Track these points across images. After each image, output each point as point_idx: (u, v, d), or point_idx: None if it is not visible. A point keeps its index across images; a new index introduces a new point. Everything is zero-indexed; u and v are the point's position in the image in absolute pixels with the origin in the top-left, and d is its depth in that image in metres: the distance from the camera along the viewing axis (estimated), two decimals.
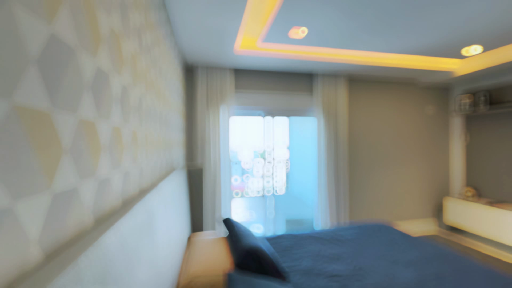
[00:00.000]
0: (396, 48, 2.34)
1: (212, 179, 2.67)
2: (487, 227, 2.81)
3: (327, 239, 1.96)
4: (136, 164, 0.88)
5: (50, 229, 0.41)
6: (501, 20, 1.84)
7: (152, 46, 1.16)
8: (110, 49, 0.66)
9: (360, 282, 1.36)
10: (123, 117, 0.75)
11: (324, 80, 3.01)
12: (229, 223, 1.71)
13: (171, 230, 1.17)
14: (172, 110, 1.74)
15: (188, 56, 2.44)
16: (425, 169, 3.51)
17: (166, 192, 1.13)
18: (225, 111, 2.73)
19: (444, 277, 1.40)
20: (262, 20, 2.01)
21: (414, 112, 3.47)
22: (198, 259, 1.36)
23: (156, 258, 0.85)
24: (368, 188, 3.29)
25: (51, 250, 0.41)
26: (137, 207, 0.70)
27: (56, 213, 0.42)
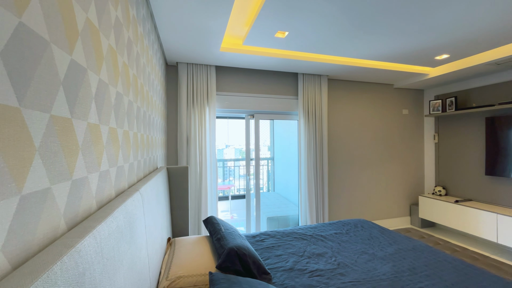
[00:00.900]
0: (372, 55, 2.46)
1: (197, 179, 2.62)
2: (455, 222, 3.03)
3: (309, 235, 2.00)
4: (116, 165, 0.84)
5: (17, 236, 0.38)
6: (466, 33, 1.99)
7: (134, 41, 1.11)
8: (87, 44, 0.63)
9: (342, 277, 1.41)
10: (101, 115, 0.71)
11: (306, 80, 3.08)
12: (212, 222, 1.69)
13: (152, 232, 1.13)
14: (154, 109, 1.69)
15: (171, 53, 2.38)
16: (401, 169, 3.70)
17: (148, 193, 1.09)
18: (211, 111, 2.70)
19: (418, 269, 1.48)
20: (246, 22, 2.01)
21: (391, 113, 3.65)
22: (180, 259, 1.33)
23: (137, 261, 0.82)
24: (347, 187, 3.41)
25: (20, 258, 0.38)
26: (117, 209, 0.67)
27: (24, 218, 0.39)
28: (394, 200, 3.66)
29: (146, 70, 1.44)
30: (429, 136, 3.76)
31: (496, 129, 2.82)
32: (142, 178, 1.29)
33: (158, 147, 1.91)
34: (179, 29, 1.89)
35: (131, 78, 1.07)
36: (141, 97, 1.27)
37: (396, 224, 3.66)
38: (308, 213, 3.03)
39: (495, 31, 2.02)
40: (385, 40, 2.18)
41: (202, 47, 2.23)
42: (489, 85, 2.99)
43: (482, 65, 2.61)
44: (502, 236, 2.57)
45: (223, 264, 1.28)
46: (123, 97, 0.95)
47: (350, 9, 1.67)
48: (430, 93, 3.73)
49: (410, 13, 1.72)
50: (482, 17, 1.79)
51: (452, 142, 3.43)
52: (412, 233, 3.26)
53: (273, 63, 2.69)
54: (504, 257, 2.65)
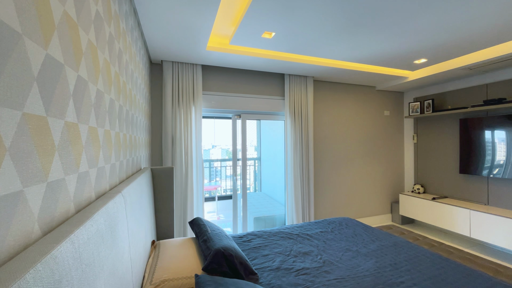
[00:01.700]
0: (356, 57, 2.53)
1: (183, 180, 2.57)
2: (432, 218, 3.19)
3: (296, 234, 2.02)
4: (96, 166, 0.80)
5: None
6: (442, 39, 2.10)
7: (115, 37, 1.07)
8: (64, 38, 0.59)
9: (327, 275, 1.44)
10: (80, 114, 0.68)
11: (292, 80, 3.11)
12: (198, 223, 1.67)
13: (135, 235, 1.09)
14: (138, 108, 1.63)
15: (156, 51, 2.32)
16: (383, 168, 3.84)
17: (131, 194, 1.05)
18: (197, 110, 2.65)
19: (399, 264, 1.54)
20: (233, 22, 2.00)
21: (373, 114, 3.78)
22: (165, 262, 1.30)
23: (119, 266, 0.79)
24: (332, 186, 3.49)
25: None
26: (97, 212, 0.64)
27: None
28: (377, 198, 3.79)
29: (129, 67, 1.39)
30: (408, 136, 3.93)
31: (469, 130, 3.00)
32: (125, 179, 1.24)
33: (142, 148, 1.86)
34: (164, 27, 1.85)
35: (113, 75, 1.03)
36: (123, 95, 1.23)
37: (378, 221, 3.79)
38: (295, 212, 3.07)
39: (468, 38, 2.15)
40: (368, 44, 2.25)
41: (188, 46, 2.20)
42: (463, 88, 3.17)
43: (456, 70, 2.77)
44: (475, 230, 2.74)
45: (209, 266, 1.26)
46: (104, 95, 0.91)
47: (335, 12, 1.71)
48: (410, 96, 3.90)
49: (391, 18, 1.79)
50: (456, 25, 1.90)
51: (430, 142, 3.60)
52: (393, 229, 3.39)
53: (260, 63, 2.70)
54: (476, 250, 2.83)
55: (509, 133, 2.64)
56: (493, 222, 2.58)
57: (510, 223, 2.45)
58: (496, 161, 2.75)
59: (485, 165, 2.85)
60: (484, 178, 2.96)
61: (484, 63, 2.52)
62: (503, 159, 2.69)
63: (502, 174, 2.70)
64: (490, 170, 2.80)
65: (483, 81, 2.96)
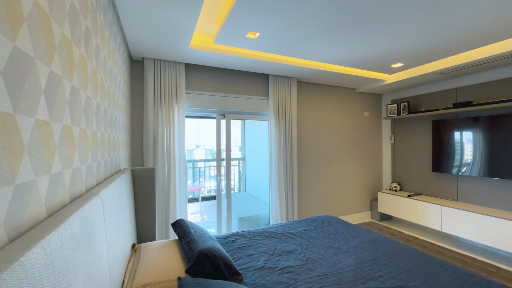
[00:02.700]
0: (337, 60, 2.61)
1: (165, 181, 2.50)
2: (408, 214, 3.36)
3: (280, 233, 2.04)
4: (71, 166, 0.76)
5: None
6: (416, 45, 2.23)
7: (92, 32, 1.02)
8: (35, 31, 0.56)
9: (310, 272, 1.47)
10: (53, 111, 0.64)
11: (276, 81, 3.14)
12: (181, 225, 1.63)
13: (114, 239, 1.05)
14: (117, 106, 1.57)
15: (136, 47, 2.24)
16: (363, 167, 3.99)
17: (109, 197, 1.01)
18: (180, 109, 2.60)
19: (377, 259, 1.61)
20: (217, 21, 1.98)
21: (354, 115, 3.92)
22: (146, 266, 1.25)
23: (96, 272, 0.75)
24: (315, 185, 3.57)
25: None
26: (72, 216, 0.60)
27: None
28: (357, 196, 3.93)
29: (108, 64, 1.33)
30: (386, 137, 4.12)
31: (441, 131, 3.20)
32: (103, 181, 1.19)
33: (121, 148, 1.78)
34: (145, 22, 1.79)
35: (90, 71, 0.98)
36: (101, 93, 1.17)
37: (358, 218, 3.94)
38: (279, 212, 3.10)
39: (439, 45, 2.29)
40: (349, 47, 2.32)
41: (170, 43, 2.14)
42: (435, 92, 3.38)
43: (429, 74, 2.95)
44: (445, 225, 2.93)
45: (192, 267, 1.24)
46: (80, 92, 0.86)
47: (317, 15, 1.75)
48: (388, 98, 4.09)
49: (370, 24, 1.87)
50: (429, 32, 2.02)
51: (406, 143, 3.80)
52: (372, 226, 3.53)
53: (244, 63, 2.70)
54: (447, 243, 3.02)
55: (476, 134, 2.85)
56: (462, 217, 2.77)
57: (476, 218, 2.65)
58: (464, 160, 2.96)
59: (455, 163, 3.05)
60: (454, 176, 3.17)
61: (454, 68, 2.70)
62: (470, 158, 2.90)
63: (469, 172, 2.90)
64: (459, 169, 3.01)
65: (453, 85, 3.17)
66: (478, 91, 2.93)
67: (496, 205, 2.78)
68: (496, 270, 2.29)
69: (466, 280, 1.34)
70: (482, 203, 2.90)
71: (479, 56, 2.39)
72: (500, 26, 1.93)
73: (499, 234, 2.47)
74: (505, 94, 2.71)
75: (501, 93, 2.73)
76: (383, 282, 1.35)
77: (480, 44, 2.28)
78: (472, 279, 1.36)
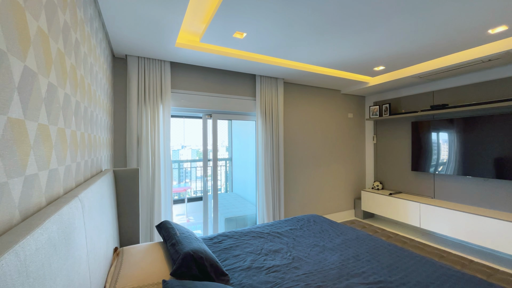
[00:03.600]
0: (323, 62, 2.67)
1: (149, 182, 2.44)
2: (389, 212, 3.49)
3: (266, 233, 2.05)
4: (48, 167, 0.72)
5: None
6: (397, 49, 2.33)
7: (72, 27, 0.97)
8: (7, 24, 0.52)
9: (296, 271, 1.49)
10: (28, 109, 0.60)
11: (263, 82, 3.16)
12: (166, 226, 1.60)
13: (95, 242, 1.01)
14: (98, 105, 1.51)
15: (119, 44, 2.16)
16: (347, 166, 4.10)
17: (90, 199, 0.97)
18: (165, 109, 2.54)
19: (361, 255, 1.66)
20: (204, 19, 1.96)
21: (338, 116, 4.02)
22: (129, 270, 1.22)
23: (75, 278, 0.72)
24: (301, 184, 3.62)
25: None
26: (48, 219, 0.57)
27: None
28: (341, 195, 4.04)
29: (88, 60, 1.28)
30: (369, 137, 4.26)
31: (419, 132, 3.36)
32: (83, 182, 1.14)
33: (103, 148, 1.72)
34: (128, 19, 1.74)
35: (69, 68, 0.94)
36: (81, 91, 1.12)
37: (343, 216, 4.04)
38: (265, 211, 3.11)
39: (418, 50, 2.40)
40: (334, 49, 2.38)
41: (155, 41, 2.09)
42: (414, 94, 3.54)
43: (409, 78, 3.08)
44: (424, 221, 3.07)
45: (178, 270, 1.22)
46: (58, 89, 0.82)
47: (304, 18, 1.78)
48: (370, 100, 4.23)
49: (354, 27, 1.92)
50: (408, 37, 2.11)
51: (387, 143, 3.95)
52: (356, 224, 3.64)
53: (231, 63, 2.69)
54: (425, 239, 3.17)
55: (451, 135, 3.02)
56: (438, 213, 2.92)
57: (451, 214, 2.80)
58: (440, 159, 3.12)
59: (432, 163, 3.21)
60: (431, 175, 3.34)
61: (431, 72, 2.84)
62: (446, 158, 3.06)
63: (445, 171, 3.07)
64: (436, 168, 3.17)
65: (431, 88, 3.33)
66: (453, 94, 3.10)
67: (469, 201, 2.96)
68: (468, 263, 2.43)
69: (443, 273, 1.42)
70: (456, 200, 3.07)
71: (454, 61, 2.54)
72: (471, 35, 2.06)
73: (471, 229, 2.63)
74: (477, 98, 2.89)
75: (474, 96, 2.91)
76: (366, 278, 1.40)
77: (454, 50, 2.42)
78: (448, 272, 1.43)
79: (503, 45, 2.19)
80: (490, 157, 2.68)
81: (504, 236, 2.39)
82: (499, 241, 2.42)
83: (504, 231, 2.39)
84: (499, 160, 2.61)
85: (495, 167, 2.64)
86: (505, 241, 2.38)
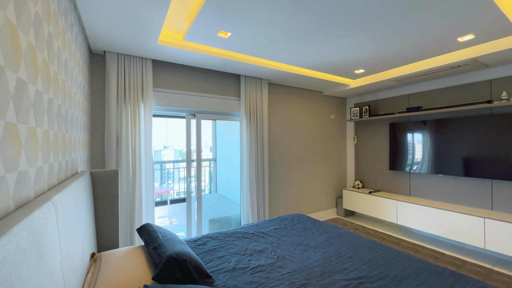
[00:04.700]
0: (306, 63, 2.72)
1: (130, 183, 2.34)
2: (369, 209, 3.63)
3: (251, 233, 2.06)
4: (16, 169, 0.67)
5: None
6: (376, 53, 2.43)
7: (44, 19, 0.91)
8: None
9: (281, 270, 1.50)
10: None
11: (248, 82, 3.16)
12: (147, 229, 1.55)
13: (70, 249, 0.95)
14: (73, 103, 1.42)
15: (97, 39, 2.06)
16: (329, 166, 4.21)
17: (64, 202, 0.91)
18: (146, 108, 2.46)
19: (342, 252, 1.72)
20: (188, 17, 1.92)
21: (321, 117, 4.12)
22: (108, 276, 1.16)
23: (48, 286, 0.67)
24: (285, 184, 3.67)
25: None
26: (17, 225, 0.53)
27: None
28: (324, 194, 4.14)
29: (63, 56, 1.21)
30: (350, 137, 4.41)
31: (396, 132, 3.53)
32: (56, 185, 1.07)
33: (79, 148, 1.62)
34: (106, 12, 1.66)
35: (40, 63, 0.88)
36: (55, 87, 1.05)
37: (326, 215, 4.14)
38: (250, 212, 3.11)
39: (395, 55, 2.53)
40: (317, 51, 2.44)
41: (136, 37, 2.02)
42: (392, 97, 3.71)
43: (387, 81, 3.23)
44: (400, 218, 3.23)
45: (160, 273, 1.18)
46: (28, 85, 0.77)
47: (288, 19, 1.80)
48: (351, 101, 4.38)
49: (335, 31, 1.98)
50: (386, 43, 2.21)
51: (367, 143, 4.11)
52: (338, 222, 3.74)
53: (215, 62, 2.66)
54: (402, 234, 3.34)
55: (424, 136, 3.20)
56: (413, 210, 3.09)
57: (425, 210, 2.97)
58: (415, 159, 3.30)
59: (408, 162, 3.39)
60: (407, 173, 3.52)
61: (407, 76, 3.00)
62: (420, 157, 3.25)
63: (419, 170, 3.25)
64: (411, 167, 3.35)
65: (407, 91, 3.52)
66: (427, 98, 3.29)
67: (441, 198, 3.16)
68: (441, 255, 2.59)
69: (418, 267, 1.50)
70: (430, 197, 3.26)
71: (428, 66, 2.69)
72: (443, 42, 2.20)
73: (443, 224, 2.80)
74: (449, 101, 3.09)
75: (446, 99, 3.11)
76: (347, 274, 1.44)
77: (428, 56, 2.57)
78: (422, 265, 1.52)
79: (471, 52, 2.36)
80: (459, 156, 2.87)
81: (471, 230, 2.58)
82: (467, 235, 2.61)
83: (472, 225, 2.57)
84: (467, 159, 2.81)
85: (464, 166, 2.84)
86: (472, 235, 2.56)
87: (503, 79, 2.64)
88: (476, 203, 2.84)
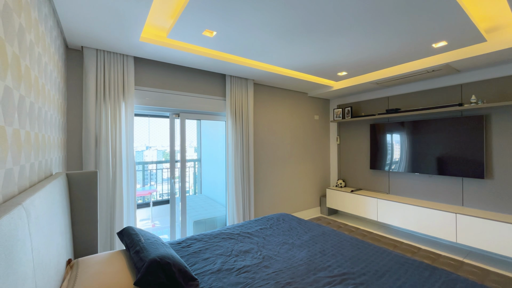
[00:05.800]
0: (291, 65, 2.76)
1: (110, 185, 2.24)
2: (351, 208, 3.75)
3: (237, 234, 2.05)
4: None
5: None
6: (357, 57, 2.52)
7: (15, 10, 0.85)
8: None
9: (266, 269, 1.51)
10: None
11: (233, 82, 3.15)
12: (129, 233, 1.49)
13: (44, 256, 0.89)
14: (48, 101, 1.34)
15: (74, 34, 1.96)
16: (313, 166, 4.29)
17: (37, 207, 0.86)
18: (127, 107, 2.36)
19: (326, 250, 1.76)
20: (172, 14, 1.88)
21: (305, 118, 4.19)
22: (86, 283, 1.10)
23: None
24: (270, 184, 3.69)
25: None
26: None
27: None
28: (308, 193, 4.21)
29: (36, 50, 1.13)
30: (333, 138, 4.52)
31: (376, 133, 3.67)
32: (28, 188, 1.00)
33: (53, 149, 1.53)
34: (84, 5, 1.58)
35: (10, 57, 0.82)
36: (26, 84, 0.99)
37: (310, 214, 4.22)
38: (235, 212, 3.10)
39: (375, 58, 2.63)
40: (301, 53, 2.48)
41: (116, 33, 1.94)
42: (373, 99, 3.86)
43: (368, 83, 3.35)
44: (380, 215, 3.36)
45: (143, 278, 1.15)
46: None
47: (273, 20, 1.82)
48: (334, 103, 4.50)
49: (318, 34, 2.03)
50: (367, 47, 2.29)
51: (349, 143, 4.24)
52: (321, 220, 3.83)
53: (200, 61, 2.62)
54: (382, 231, 3.48)
55: (402, 136, 3.36)
56: (392, 207, 3.23)
57: (402, 207, 3.11)
58: (394, 158, 3.46)
59: (387, 162, 3.54)
60: (386, 172, 3.68)
61: (386, 79, 3.13)
62: (398, 157, 3.40)
63: (397, 169, 3.40)
64: (390, 166, 3.50)
65: (386, 94, 3.67)
66: (405, 100, 3.46)
67: (417, 196, 3.33)
68: (417, 250, 2.73)
69: (397, 261, 1.57)
70: (407, 195, 3.43)
71: (405, 70, 2.83)
72: (419, 48, 2.33)
73: (419, 220, 2.95)
74: (424, 103, 3.26)
75: (422, 102, 3.29)
76: (331, 271, 1.48)
77: (406, 60, 2.70)
78: (401, 260, 1.59)
79: (444, 58, 2.51)
80: (433, 156, 3.05)
81: (444, 225, 2.74)
82: (440, 230, 2.77)
83: (444, 220, 2.74)
84: (440, 159, 2.99)
85: (438, 165, 3.01)
86: (445, 230, 2.73)
87: (472, 84, 2.83)
88: (449, 199, 3.03)
